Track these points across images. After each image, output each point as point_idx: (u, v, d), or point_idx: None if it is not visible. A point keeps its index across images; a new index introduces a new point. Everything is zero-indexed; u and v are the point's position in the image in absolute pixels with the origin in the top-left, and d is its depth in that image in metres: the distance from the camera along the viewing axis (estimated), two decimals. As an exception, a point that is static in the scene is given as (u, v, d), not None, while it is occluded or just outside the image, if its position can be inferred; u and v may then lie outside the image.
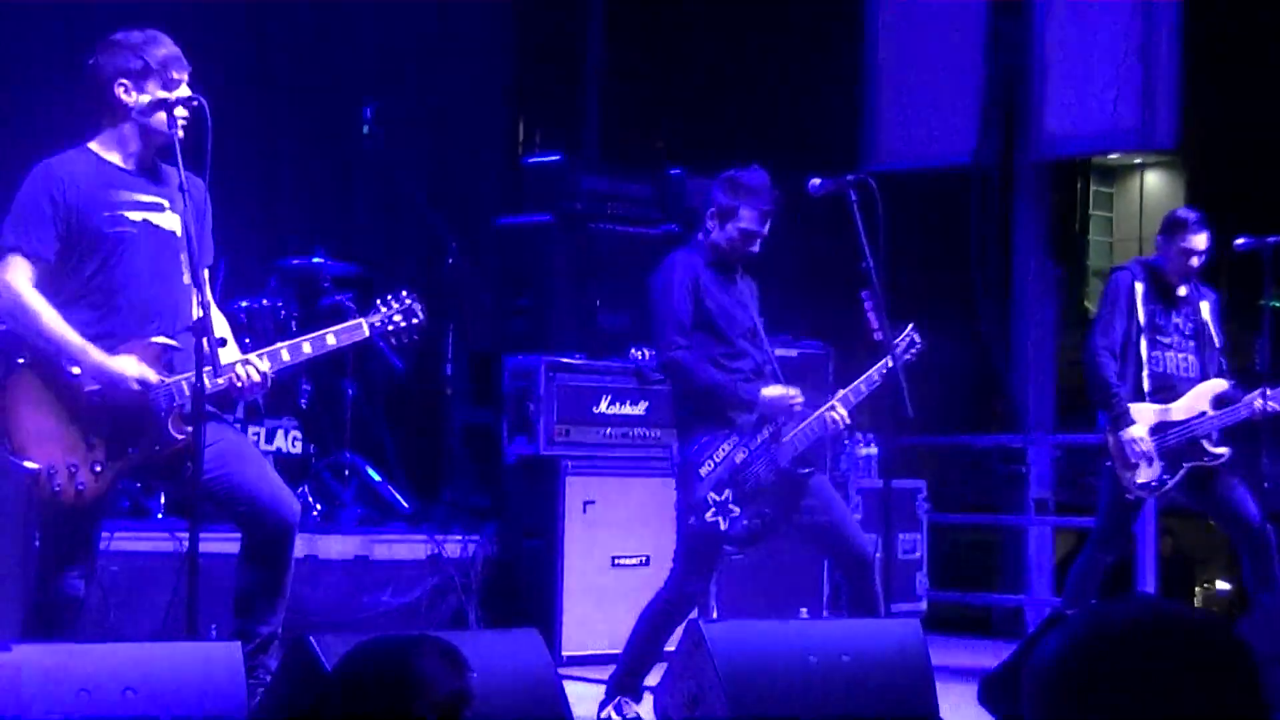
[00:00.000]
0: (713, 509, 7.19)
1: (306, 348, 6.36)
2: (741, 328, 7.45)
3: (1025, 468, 11.84)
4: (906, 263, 10.41)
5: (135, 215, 6.15)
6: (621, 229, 10.46)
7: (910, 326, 7.62)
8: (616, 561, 9.47)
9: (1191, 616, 2.18)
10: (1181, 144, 11.94)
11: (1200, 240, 8.61)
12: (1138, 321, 8.61)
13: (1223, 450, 8.55)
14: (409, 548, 9.43)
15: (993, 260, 12.16)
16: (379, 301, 6.58)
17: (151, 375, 6.05)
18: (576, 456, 9.54)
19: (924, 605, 10.46)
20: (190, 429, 5.99)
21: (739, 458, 7.22)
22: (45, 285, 6.06)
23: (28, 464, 5.94)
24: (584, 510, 9.41)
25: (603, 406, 9.74)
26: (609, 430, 9.74)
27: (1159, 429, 8.52)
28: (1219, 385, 8.61)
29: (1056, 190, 13.00)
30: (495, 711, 5.50)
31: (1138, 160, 14.03)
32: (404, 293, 6.62)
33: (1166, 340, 8.65)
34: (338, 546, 9.20)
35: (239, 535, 6.41)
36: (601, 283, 10.35)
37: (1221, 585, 10.59)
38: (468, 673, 3.84)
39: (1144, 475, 8.51)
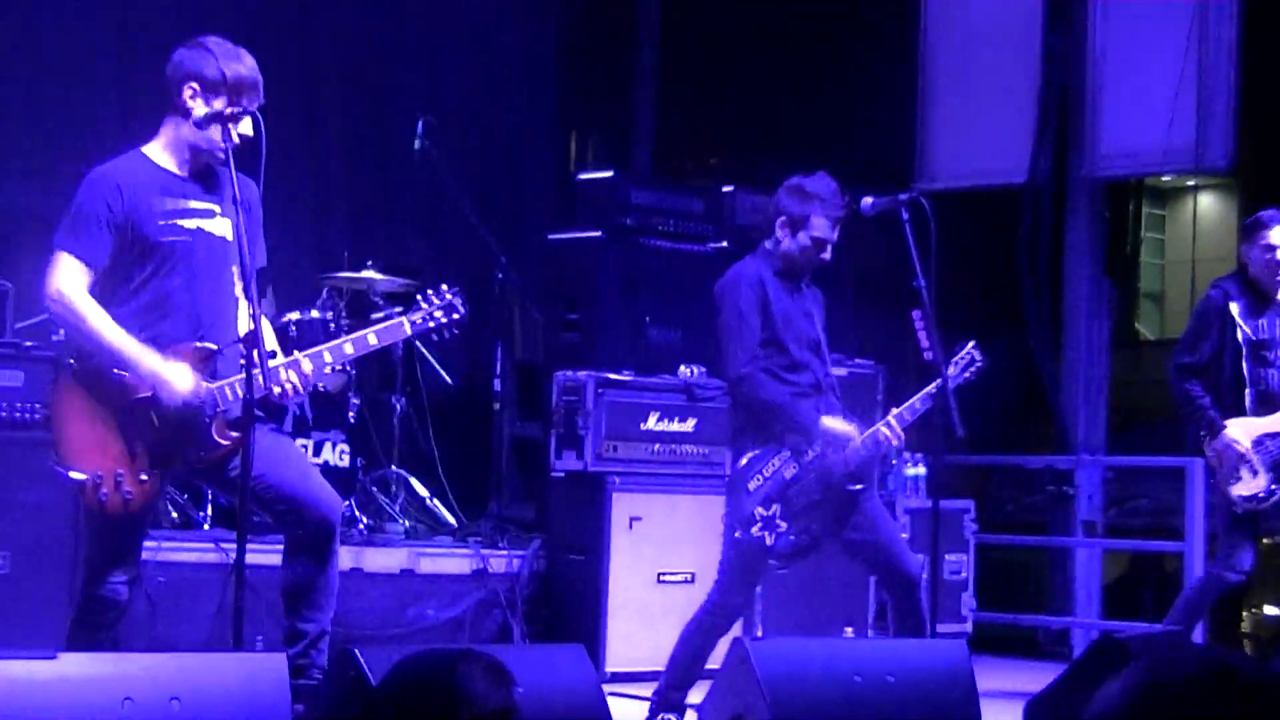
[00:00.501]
0: (759, 523, 7.17)
1: (348, 348, 6.35)
2: (806, 339, 7.40)
3: (1073, 489, 11.79)
4: (958, 281, 10.33)
5: (189, 223, 6.17)
6: (672, 245, 10.46)
7: (971, 344, 7.58)
8: (662, 578, 9.45)
9: (1253, 671, 2.14)
10: (1236, 166, 11.88)
11: (1277, 235, 8.50)
12: (1236, 340, 8.50)
13: None
14: (454, 561, 9.43)
15: (1044, 280, 12.12)
16: (420, 298, 6.55)
17: (200, 382, 6.06)
18: (624, 472, 9.52)
19: (969, 626, 10.40)
20: (234, 434, 6.00)
21: (789, 473, 7.20)
22: (98, 291, 6.08)
23: (74, 474, 5.97)
24: (630, 526, 9.39)
25: (650, 423, 9.73)
26: (657, 446, 9.73)
27: (1261, 441, 8.41)
28: None
29: (1109, 210, 12.95)
30: (539, 727, 5.49)
31: (1191, 182, 13.95)
32: (445, 288, 6.58)
33: (1270, 355, 8.54)
34: (383, 560, 9.21)
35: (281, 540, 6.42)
36: (651, 298, 10.34)
37: (1271, 610, 10.48)
38: (513, 688, 3.82)
39: (1249, 487, 8.40)
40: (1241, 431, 8.40)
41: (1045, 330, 12.10)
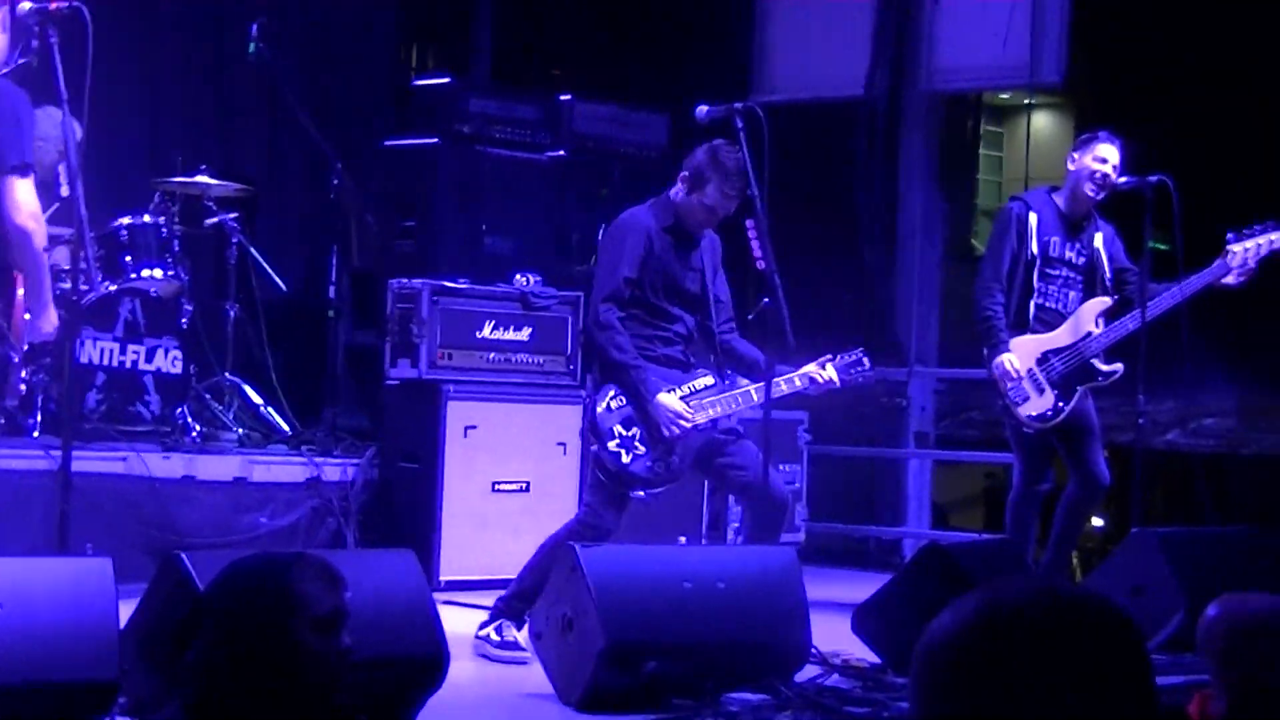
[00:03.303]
0: (617, 440, 7.27)
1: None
2: (685, 294, 7.51)
3: (906, 401, 11.91)
4: (795, 194, 10.41)
5: None
6: (509, 153, 10.43)
7: (860, 350, 7.71)
8: (496, 487, 9.44)
9: (1085, 600, 2.18)
10: (1070, 85, 11.99)
11: (1108, 150, 8.59)
12: (1030, 251, 8.62)
13: (1115, 367, 8.60)
14: (288, 469, 9.36)
15: (880, 194, 12.18)
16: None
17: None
18: (458, 381, 9.50)
19: (802, 536, 10.49)
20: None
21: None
22: None
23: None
24: (465, 435, 9.37)
25: (486, 331, 9.71)
26: (492, 355, 9.71)
27: (1046, 358, 8.55)
28: (1103, 302, 8.62)
29: (946, 127, 13.03)
30: (369, 630, 5.49)
31: (1027, 100, 14.08)
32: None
33: (1055, 273, 8.65)
34: (217, 467, 9.13)
35: (119, 456, 6.36)
36: (488, 206, 10.31)
37: (1096, 522, 10.69)
38: (344, 591, 3.82)
39: (1035, 407, 8.55)
40: (1024, 351, 8.53)
41: (880, 245, 12.17)
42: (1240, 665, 4.69)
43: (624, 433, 7.27)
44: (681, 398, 7.34)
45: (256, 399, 10.02)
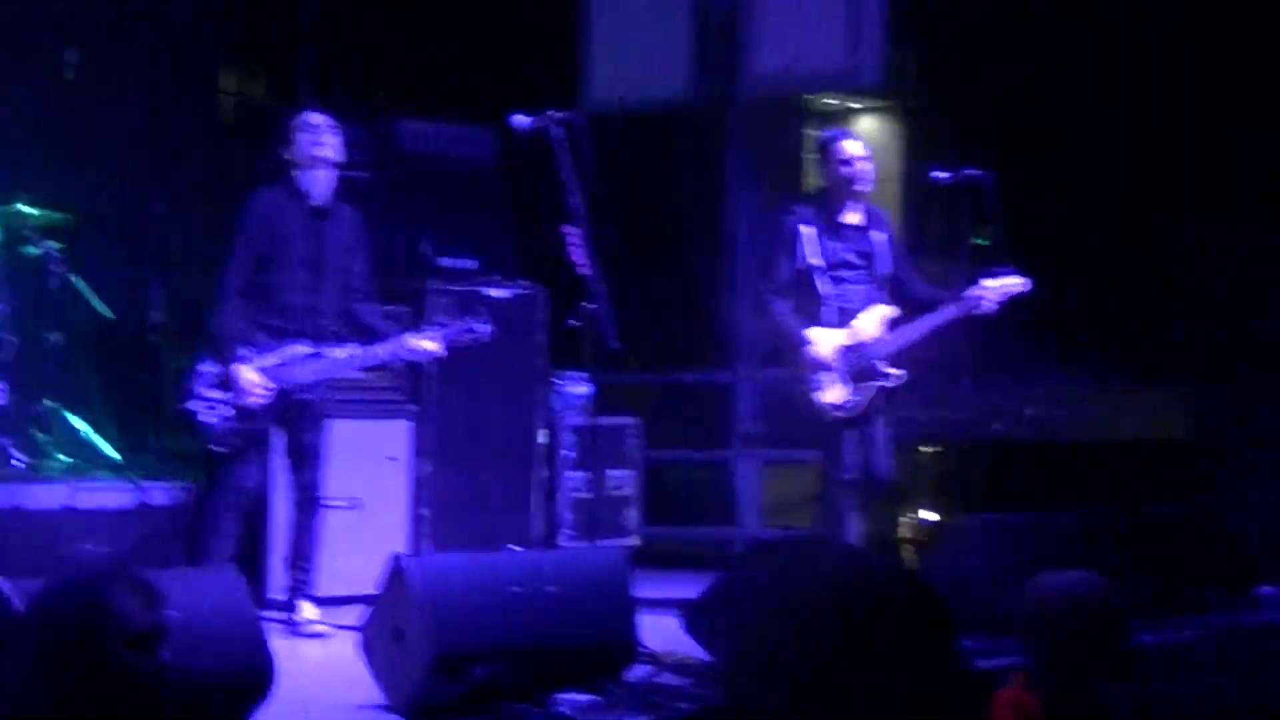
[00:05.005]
0: (205, 403, 8.05)
1: None
2: (306, 261, 8.22)
3: (734, 402, 12.00)
4: (622, 202, 10.49)
5: None
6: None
7: (475, 319, 8.26)
8: (324, 504, 9.39)
9: (888, 568, 2.26)
10: (893, 90, 12.15)
11: (852, 146, 8.85)
12: (810, 262, 8.81)
13: (898, 372, 8.79)
14: (116, 495, 9.29)
15: (705, 201, 12.27)
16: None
17: None
18: (285, 401, 9.44)
19: (635, 540, 10.53)
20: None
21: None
22: None
23: None
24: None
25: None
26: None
27: (842, 353, 8.74)
28: (886, 311, 8.86)
29: (771, 132, 13.12)
30: (195, 646, 5.49)
31: (853, 105, 14.16)
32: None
33: (838, 274, 8.85)
34: (43, 496, 9.05)
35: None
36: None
37: (926, 515, 10.82)
38: (162, 607, 3.82)
39: (834, 396, 8.72)
40: (822, 344, 8.74)
41: (705, 251, 12.25)
42: (1051, 640, 4.82)
43: (207, 393, 8.09)
44: (274, 364, 8.04)
45: (82, 426, 9.93)
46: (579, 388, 10.41)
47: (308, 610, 8.18)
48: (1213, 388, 11.00)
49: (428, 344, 8.11)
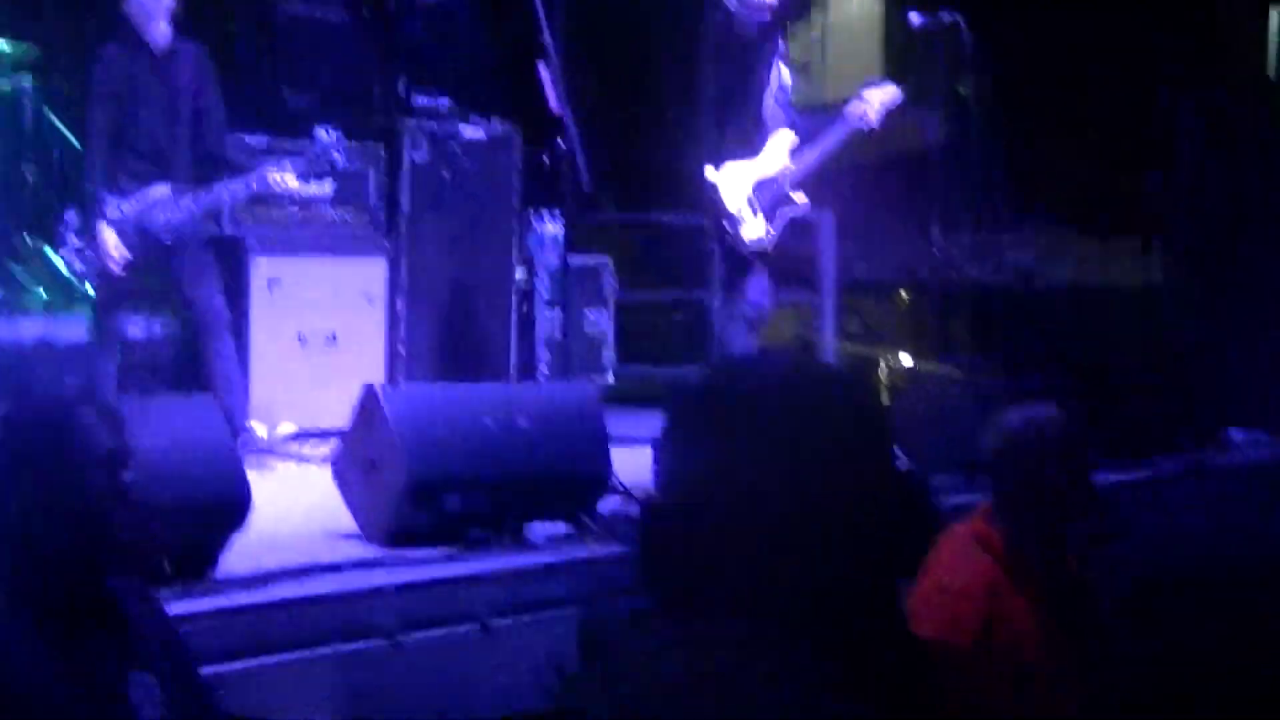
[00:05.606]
0: (72, 251, 8.42)
1: None
2: (150, 103, 8.43)
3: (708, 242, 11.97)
4: (598, 40, 10.43)
5: None
6: (305, 9, 10.34)
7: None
8: (303, 339, 9.43)
9: (827, 368, 2.31)
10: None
11: None
12: None
13: (805, 200, 9.01)
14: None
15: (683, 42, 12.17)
16: None
17: None
18: (261, 236, 9.46)
19: (610, 379, 10.57)
20: None
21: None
22: None
23: None
24: (269, 290, 9.33)
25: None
26: (294, 209, 9.66)
27: (758, 186, 8.86)
28: (790, 136, 9.05)
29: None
30: (171, 475, 5.55)
31: None
32: None
33: None
34: (20, 329, 9.09)
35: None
36: (286, 60, 10.23)
37: (905, 360, 10.86)
38: (125, 432, 3.87)
39: (751, 231, 8.85)
40: (737, 176, 8.83)
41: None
42: (1013, 469, 4.89)
43: (77, 243, 8.39)
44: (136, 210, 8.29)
45: (59, 261, 9.93)
46: (553, 227, 10.40)
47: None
48: (1181, 235, 11.06)
49: (286, 177, 8.17)
